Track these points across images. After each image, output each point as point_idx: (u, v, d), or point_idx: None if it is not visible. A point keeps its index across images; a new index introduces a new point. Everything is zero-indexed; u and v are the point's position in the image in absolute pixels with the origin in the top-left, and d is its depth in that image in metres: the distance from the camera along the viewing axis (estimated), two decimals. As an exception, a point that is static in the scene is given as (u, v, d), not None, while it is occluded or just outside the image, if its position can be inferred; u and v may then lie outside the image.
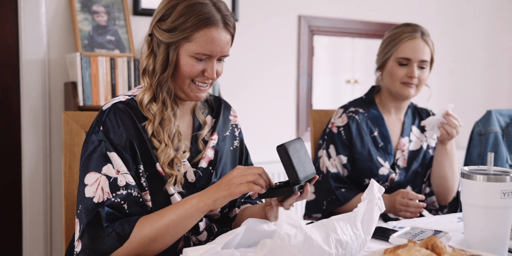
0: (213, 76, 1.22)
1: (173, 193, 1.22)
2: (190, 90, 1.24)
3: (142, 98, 1.24)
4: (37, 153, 2.41)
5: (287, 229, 0.91)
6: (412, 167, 1.87)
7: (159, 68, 1.22)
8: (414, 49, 1.79)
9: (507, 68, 3.88)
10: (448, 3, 3.57)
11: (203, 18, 1.17)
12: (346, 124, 1.84)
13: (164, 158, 1.20)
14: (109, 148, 1.17)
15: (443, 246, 0.93)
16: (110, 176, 1.15)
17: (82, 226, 1.13)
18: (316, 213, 1.85)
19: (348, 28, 3.19)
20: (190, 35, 1.18)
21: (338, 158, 1.83)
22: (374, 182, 1.13)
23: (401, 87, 1.82)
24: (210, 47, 1.19)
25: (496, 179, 1.10)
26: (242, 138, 1.44)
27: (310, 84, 3.12)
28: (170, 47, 1.20)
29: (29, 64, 2.39)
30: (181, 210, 1.12)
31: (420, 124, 1.91)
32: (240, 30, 2.90)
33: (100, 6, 2.45)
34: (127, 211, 1.15)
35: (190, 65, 1.20)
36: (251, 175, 1.09)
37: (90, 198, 1.14)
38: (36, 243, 2.43)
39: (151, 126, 1.21)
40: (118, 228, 1.11)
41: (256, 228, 1.15)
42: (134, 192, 1.16)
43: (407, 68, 1.80)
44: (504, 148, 2.26)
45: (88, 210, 1.13)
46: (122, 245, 1.10)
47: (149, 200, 1.20)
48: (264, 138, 2.97)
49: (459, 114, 1.78)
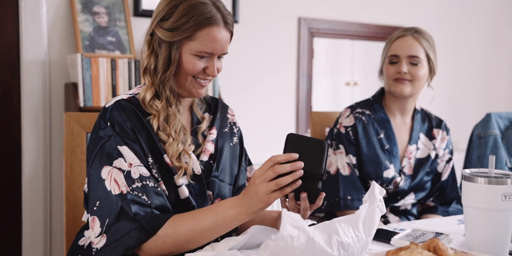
0: (214, 73, 1.26)
1: (181, 184, 1.24)
2: (192, 87, 1.27)
3: (144, 96, 1.26)
4: (37, 154, 2.41)
5: (290, 230, 0.91)
6: (418, 175, 1.86)
7: (161, 67, 1.24)
8: (401, 45, 1.82)
9: (506, 71, 3.89)
10: (447, 6, 3.58)
11: (205, 17, 1.21)
12: (353, 125, 1.84)
13: (173, 152, 1.22)
14: (120, 142, 1.18)
15: (445, 248, 0.94)
16: (124, 169, 1.16)
17: (107, 220, 1.13)
18: (318, 212, 1.84)
19: (348, 31, 3.20)
20: (192, 34, 1.21)
21: (348, 158, 1.82)
22: (375, 184, 1.13)
23: (393, 84, 1.83)
24: (212, 46, 1.22)
25: (497, 182, 1.10)
26: (241, 136, 1.46)
27: (310, 86, 3.13)
28: (172, 46, 1.23)
29: (30, 65, 2.39)
30: (220, 219, 1.13)
31: (428, 131, 1.92)
32: (240, 32, 2.92)
33: (101, 7, 2.46)
34: (148, 202, 1.16)
35: (192, 63, 1.23)
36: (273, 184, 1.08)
37: (109, 192, 1.15)
38: (36, 244, 2.43)
39: (156, 120, 1.24)
40: (146, 223, 1.12)
41: (260, 237, 1.16)
42: (150, 183, 1.18)
43: (397, 65, 1.83)
44: (503, 151, 2.26)
45: (110, 203, 1.14)
46: (148, 240, 1.11)
47: (166, 190, 1.21)
48: (264, 140, 2.98)
49: (458, 117, 1.78)
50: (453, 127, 3.27)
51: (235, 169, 1.39)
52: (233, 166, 1.39)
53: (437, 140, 1.91)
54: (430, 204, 1.92)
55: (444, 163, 1.92)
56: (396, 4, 3.37)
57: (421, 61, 1.82)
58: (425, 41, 1.83)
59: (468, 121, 3.36)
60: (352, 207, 1.75)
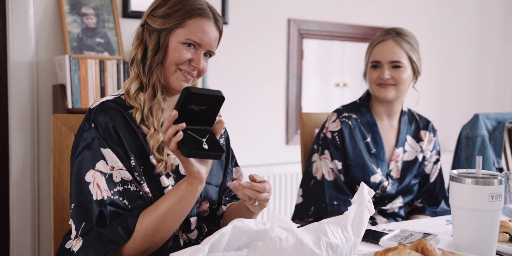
0: (199, 66, 1.26)
1: (167, 186, 1.24)
2: (176, 78, 1.27)
3: (129, 88, 1.26)
4: (25, 156, 2.39)
5: (279, 232, 0.91)
6: (406, 178, 1.85)
7: (151, 54, 1.26)
8: (382, 51, 1.81)
9: (493, 72, 3.93)
10: (436, 7, 3.61)
11: (197, 8, 1.25)
12: (340, 130, 1.83)
13: (153, 142, 1.22)
14: (103, 144, 1.18)
15: (433, 248, 0.94)
16: (105, 172, 1.17)
17: (84, 223, 1.14)
18: (307, 217, 1.83)
19: (337, 32, 3.21)
20: (183, 21, 1.24)
21: (333, 163, 1.81)
22: (364, 185, 1.13)
23: (377, 89, 1.82)
24: (200, 36, 1.25)
25: (484, 183, 1.11)
26: (227, 137, 1.46)
27: (300, 87, 3.13)
28: (161, 33, 1.25)
29: (17, 66, 2.37)
30: (174, 196, 1.15)
31: (415, 133, 1.91)
32: (230, 33, 2.92)
33: (89, 8, 2.44)
34: (129, 207, 1.17)
35: (179, 51, 1.25)
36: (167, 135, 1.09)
37: (91, 196, 1.15)
38: (24, 247, 2.41)
39: (139, 113, 1.24)
40: (122, 223, 1.13)
41: (243, 228, 1.15)
42: (131, 186, 1.18)
43: (379, 70, 1.82)
44: (491, 151, 2.28)
45: (88, 207, 1.14)
46: (130, 239, 1.12)
47: (149, 192, 1.22)
48: (254, 141, 2.98)
49: (446, 118, 1.78)
50: (441, 127, 3.30)
51: (222, 172, 1.40)
52: (220, 169, 1.39)
53: (424, 142, 1.91)
54: (418, 205, 1.92)
55: (432, 164, 1.92)
56: (386, 6, 3.39)
57: (404, 65, 1.80)
58: (407, 44, 1.81)
59: (456, 121, 3.39)
60: (339, 211, 1.74)
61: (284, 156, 3.09)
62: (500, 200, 1.12)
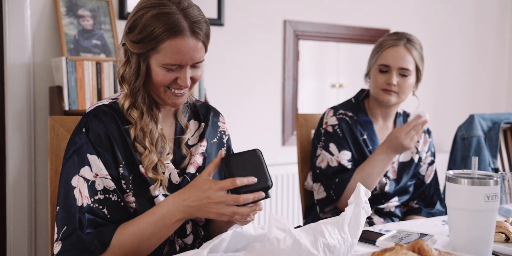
0: (186, 84, 1.21)
1: (157, 195, 1.22)
2: (167, 97, 1.24)
3: (123, 104, 1.24)
4: (22, 157, 2.39)
5: (276, 233, 0.92)
6: (402, 179, 1.86)
7: (132, 78, 1.22)
8: (393, 56, 1.80)
9: (489, 73, 3.95)
10: (431, 8, 3.62)
11: (167, 28, 1.15)
12: (339, 124, 1.84)
13: (148, 164, 1.21)
14: (90, 150, 1.17)
15: (429, 249, 0.95)
16: (88, 179, 1.16)
17: (65, 227, 1.13)
18: (330, 204, 1.84)
19: (333, 33, 3.22)
20: (156, 47, 1.17)
21: (342, 154, 1.81)
22: (361, 186, 1.14)
23: (381, 94, 1.82)
24: (177, 57, 1.18)
25: (480, 183, 1.12)
26: (230, 145, 1.44)
27: (296, 88, 3.14)
28: (141, 58, 1.21)
29: (14, 68, 2.37)
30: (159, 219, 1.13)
31: None
32: (225, 34, 2.92)
33: (86, 10, 2.44)
34: (108, 216, 1.16)
35: (161, 75, 1.20)
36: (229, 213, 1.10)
37: (75, 200, 1.14)
38: (21, 249, 2.41)
39: (134, 130, 1.22)
40: (98, 236, 1.11)
41: (242, 233, 1.16)
42: (113, 196, 1.17)
43: (387, 75, 1.81)
44: (486, 152, 2.30)
45: (71, 211, 1.13)
46: (105, 252, 1.11)
47: (133, 202, 1.20)
48: (250, 142, 2.98)
49: (442, 118, 1.80)
50: (437, 128, 3.31)
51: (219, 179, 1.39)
52: (219, 178, 1.37)
53: (419, 143, 1.92)
54: (414, 206, 1.93)
55: (427, 165, 1.93)
56: (381, 7, 3.40)
57: (410, 73, 1.81)
58: (416, 52, 1.82)
59: (452, 122, 3.40)
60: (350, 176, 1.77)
61: (280, 157, 3.10)
62: (496, 201, 1.12)
